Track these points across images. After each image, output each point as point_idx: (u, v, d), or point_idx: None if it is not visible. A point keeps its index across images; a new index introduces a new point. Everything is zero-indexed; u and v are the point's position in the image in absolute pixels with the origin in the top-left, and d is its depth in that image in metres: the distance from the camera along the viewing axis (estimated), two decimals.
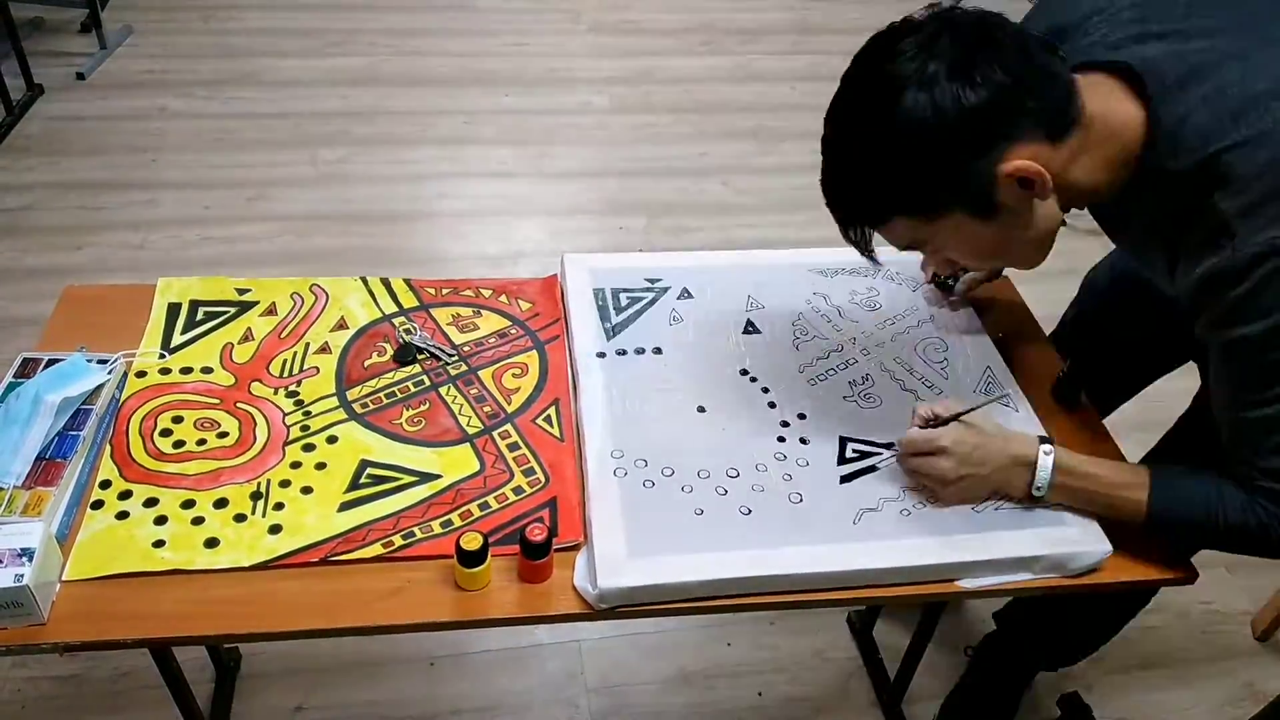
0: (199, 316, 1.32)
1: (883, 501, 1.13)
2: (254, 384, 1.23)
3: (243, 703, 1.70)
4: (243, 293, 1.36)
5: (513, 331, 1.34)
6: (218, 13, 3.86)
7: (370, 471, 1.13)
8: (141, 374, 1.23)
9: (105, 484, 1.09)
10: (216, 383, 1.23)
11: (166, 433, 1.16)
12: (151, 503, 1.07)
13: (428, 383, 1.26)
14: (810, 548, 1.06)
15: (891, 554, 1.07)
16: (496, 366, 1.28)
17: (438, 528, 1.08)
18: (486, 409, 1.22)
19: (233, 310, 1.33)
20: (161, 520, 1.06)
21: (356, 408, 1.21)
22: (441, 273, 1.44)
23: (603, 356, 1.29)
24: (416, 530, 1.07)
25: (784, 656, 1.84)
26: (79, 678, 1.70)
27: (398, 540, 1.06)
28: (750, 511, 1.10)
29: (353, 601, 1.01)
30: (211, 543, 1.04)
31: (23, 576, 0.93)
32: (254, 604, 1.00)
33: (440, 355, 1.29)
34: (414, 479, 1.13)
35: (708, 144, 3.34)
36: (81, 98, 3.30)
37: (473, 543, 1.00)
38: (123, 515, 1.06)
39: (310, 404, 1.21)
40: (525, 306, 1.38)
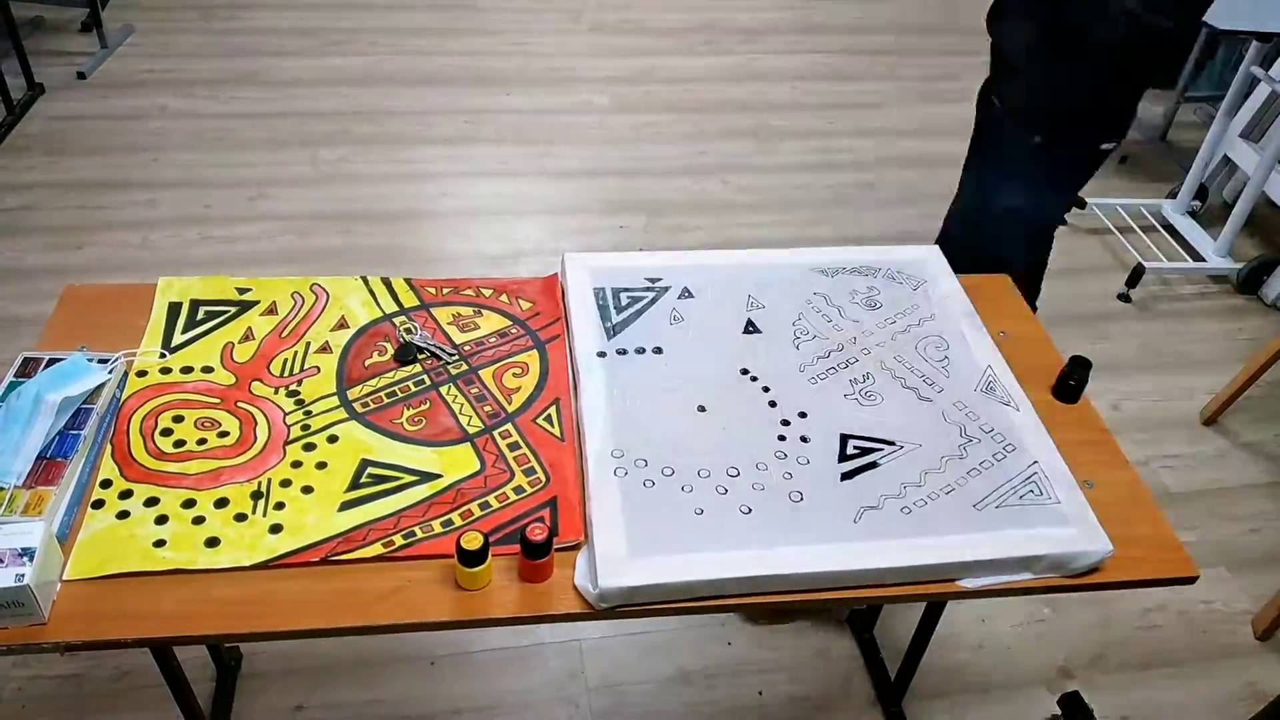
0: (200, 316, 1.32)
1: (883, 499, 1.13)
2: (255, 383, 1.23)
3: (243, 702, 1.70)
4: (243, 292, 1.36)
5: (513, 331, 1.34)
6: (219, 12, 3.87)
7: (371, 471, 1.13)
8: (142, 373, 1.23)
9: (106, 483, 1.09)
10: (217, 382, 1.23)
11: (167, 432, 1.16)
12: (152, 502, 1.08)
13: (428, 382, 1.26)
14: (810, 547, 1.06)
15: (892, 554, 1.07)
16: (497, 366, 1.28)
17: (438, 527, 1.08)
18: (487, 408, 1.23)
19: (233, 310, 1.33)
20: (162, 520, 1.06)
21: (357, 407, 1.21)
22: (442, 272, 1.44)
23: (603, 356, 1.29)
24: (417, 530, 1.07)
25: (784, 655, 1.84)
26: (80, 677, 1.70)
27: (398, 540, 1.06)
28: (751, 510, 1.10)
29: (353, 601, 1.01)
30: (212, 542, 1.04)
31: (24, 576, 0.93)
32: (255, 603, 1.00)
33: (441, 355, 1.29)
34: (414, 478, 1.13)
35: (708, 143, 3.35)
36: (82, 97, 3.30)
37: (473, 542, 1.00)
38: (123, 515, 1.06)
39: (311, 403, 1.21)
40: (526, 306, 1.39)
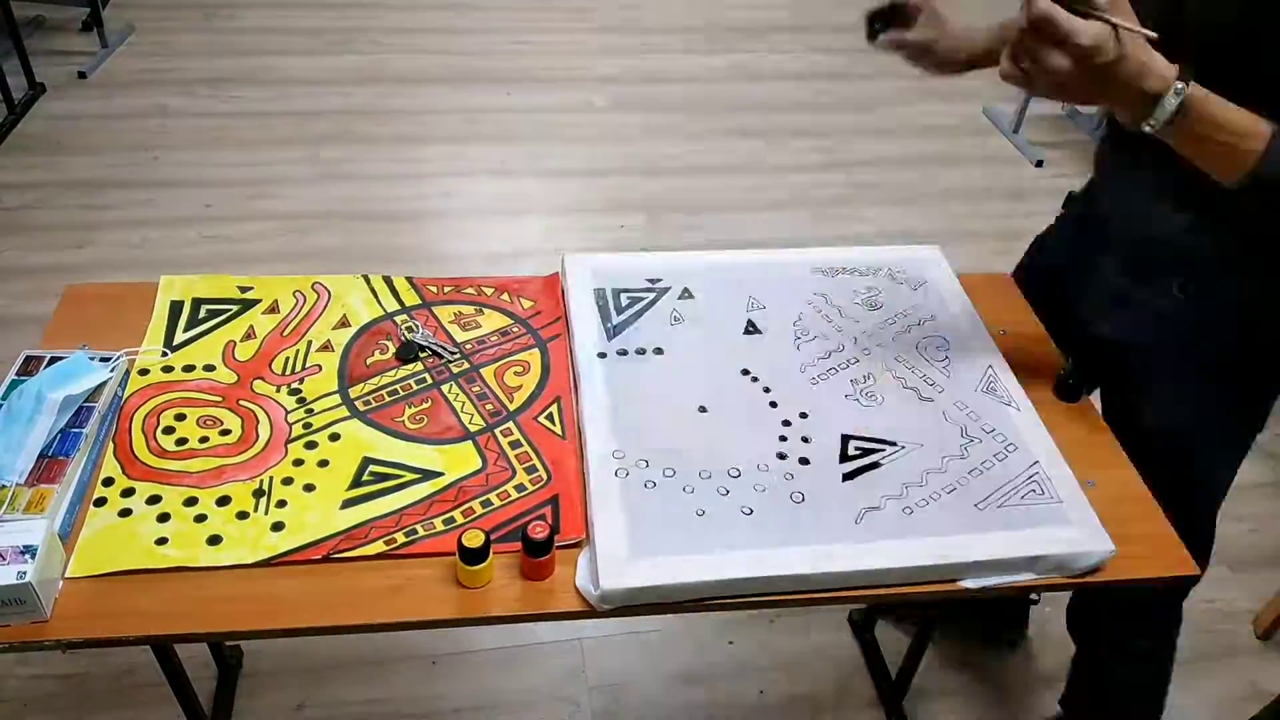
0: (201, 314, 1.32)
1: (885, 499, 1.13)
2: (256, 382, 1.23)
3: (245, 701, 1.70)
4: (245, 290, 1.36)
5: (514, 329, 1.34)
6: (219, 11, 3.87)
7: (372, 469, 1.13)
8: (144, 372, 1.23)
9: (108, 481, 1.09)
10: (219, 380, 1.23)
11: (169, 430, 1.16)
12: (154, 500, 1.08)
13: (430, 380, 1.26)
14: (812, 548, 1.06)
15: (894, 554, 1.07)
16: (498, 364, 1.29)
17: (440, 525, 1.08)
18: (488, 406, 1.23)
19: (235, 308, 1.33)
20: (164, 518, 1.06)
21: (359, 405, 1.21)
22: (443, 271, 1.44)
23: (604, 357, 1.29)
24: (419, 528, 1.07)
25: (785, 655, 1.84)
26: (82, 675, 1.70)
27: (400, 538, 1.06)
28: (752, 511, 1.10)
29: (355, 599, 1.01)
30: (214, 540, 1.04)
31: (26, 573, 0.93)
32: (256, 602, 1.00)
33: (442, 353, 1.29)
34: (416, 476, 1.13)
35: (709, 142, 3.35)
36: (83, 96, 3.31)
37: (475, 540, 1.00)
38: (125, 513, 1.06)
39: (312, 401, 1.21)
40: (527, 304, 1.39)
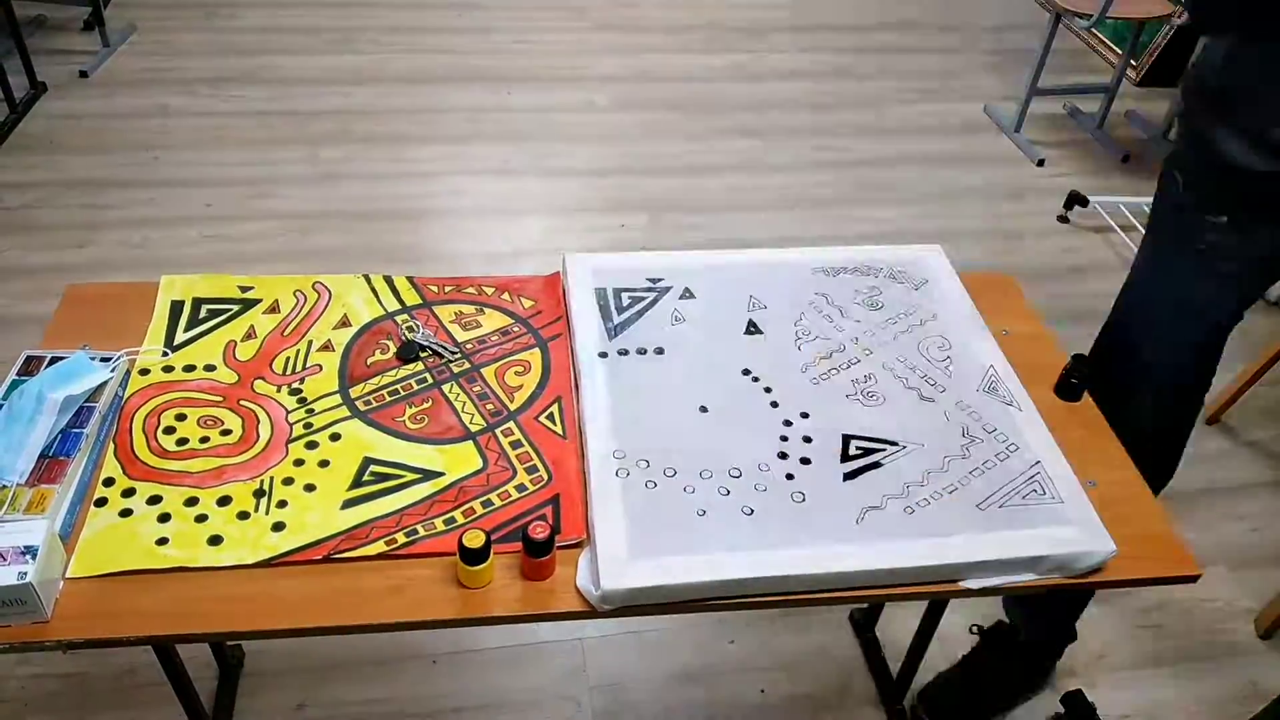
0: (202, 314, 1.32)
1: (886, 499, 1.12)
2: (257, 381, 1.23)
3: (246, 701, 1.70)
4: (245, 290, 1.36)
5: (515, 329, 1.34)
6: (220, 10, 3.87)
7: (373, 469, 1.13)
8: (144, 371, 1.23)
9: (109, 481, 1.09)
10: (219, 380, 1.23)
11: (170, 430, 1.16)
12: (155, 500, 1.08)
13: (430, 380, 1.26)
14: (813, 548, 1.06)
15: (895, 555, 1.07)
16: (499, 364, 1.29)
17: (440, 525, 1.08)
18: (489, 406, 1.23)
19: (235, 308, 1.33)
20: (165, 518, 1.06)
21: (359, 405, 1.21)
22: (444, 270, 1.44)
23: (604, 357, 1.29)
24: (419, 528, 1.07)
25: (786, 654, 1.84)
26: (83, 675, 1.70)
27: (400, 538, 1.06)
28: (753, 511, 1.10)
29: (355, 599, 1.01)
30: (215, 540, 1.04)
31: (26, 574, 0.93)
32: (257, 601, 1.00)
33: (443, 353, 1.29)
34: (417, 476, 1.13)
35: (710, 142, 3.34)
36: (84, 96, 3.31)
37: (475, 540, 1.00)
38: (126, 513, 1.06)
39: (313, 401, 1.21)
40: (528, 304, 1.39)
